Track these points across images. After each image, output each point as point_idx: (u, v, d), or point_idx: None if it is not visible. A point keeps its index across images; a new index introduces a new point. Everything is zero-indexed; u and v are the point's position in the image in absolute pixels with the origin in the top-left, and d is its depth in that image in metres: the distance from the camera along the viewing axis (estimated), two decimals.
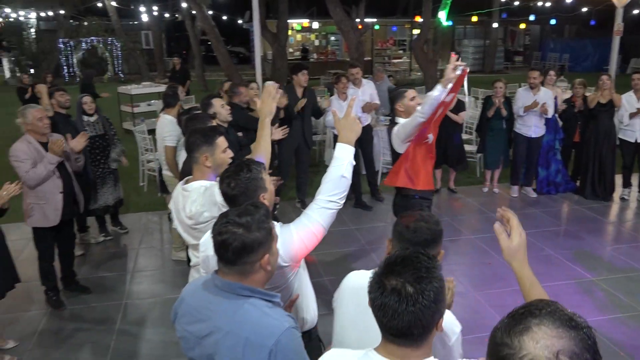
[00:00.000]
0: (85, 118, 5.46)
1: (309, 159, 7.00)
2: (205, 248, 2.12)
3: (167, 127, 4.98)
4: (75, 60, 22.37)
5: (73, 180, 4.49)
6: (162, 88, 13.76)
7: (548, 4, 19.12)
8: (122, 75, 23.06)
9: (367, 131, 6.87)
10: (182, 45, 31.43)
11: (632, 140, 6.63)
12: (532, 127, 6.63)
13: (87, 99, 5.44)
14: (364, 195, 6.84)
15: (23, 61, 21.85)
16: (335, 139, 2.30)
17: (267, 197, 2.10)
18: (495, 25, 23.51)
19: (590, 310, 4.26)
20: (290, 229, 2.06)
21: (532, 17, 21.96)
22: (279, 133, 4.46)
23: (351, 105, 2.32)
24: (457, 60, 3.48)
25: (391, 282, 1.27)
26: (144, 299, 4.66)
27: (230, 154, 2.60)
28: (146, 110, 11.99)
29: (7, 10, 21.82)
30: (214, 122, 3.80)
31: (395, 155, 3.90)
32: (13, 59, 22.51)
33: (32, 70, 21.29)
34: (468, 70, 3.64)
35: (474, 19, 21.14)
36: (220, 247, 1.63)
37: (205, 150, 2.57)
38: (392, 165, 4.18)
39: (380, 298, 1.27)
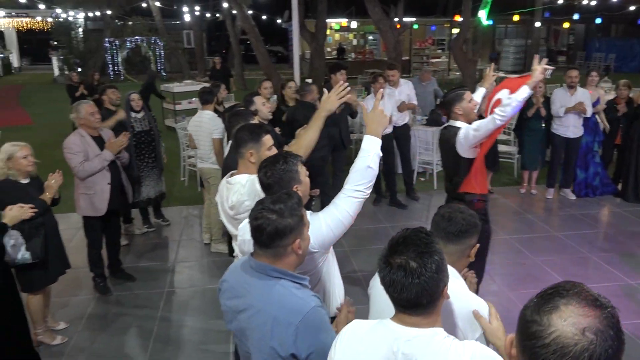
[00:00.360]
0: (133, 114, 5.70)
1: (344, 158, 7.08)
2: (243, 232, 2.25)
3: (213, 122, 5.27)
4: (120, 59, 23.11)
5: (121, 173, 4.73)
6: (202, 86, 14.15)
7: (593, 3, 18.59)
8: (164, 74, 23.66)
9: (405, 130, 6.92)
10: (222, 44, 32.00)
11: None
12: (570, 127, 6.52)
13: (134, 95, 5.68)
14: (399, 194, 6.89)
15: (71, 59, 22.73)
16: None
17: (301, 189, 2.20)
18: (537, 24, 22.99)
19: (629, 314, 4.20)
20: (319, 217, 2.17)
21: (576, 16, 21.37)
22: None
23: (378, 98, 2.38)
24: (542, 61, 3.39)
25: (396, 260, 1.40)
26: (185, 288, 4.86)
27: (274, 151, 2.70)
28: (187, 107, 12.31)
29: (58, 10, 22.74)
30: (256, 119, 3.93)
31: (450, 159, 3.71)
32: (62, 57, 23.43)
33: (79, 69, 22.15)
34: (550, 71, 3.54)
35: (516, 18, 20.73)
36: (256, 231, 1.77)
37: (252, 147, 2.68)
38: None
39: (389, 275, 1.40)
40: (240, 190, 2.60)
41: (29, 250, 3.49)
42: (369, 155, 2.21)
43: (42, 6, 23.07)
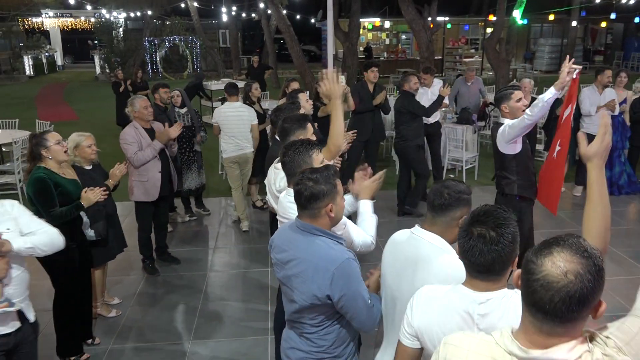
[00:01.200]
0: (176, 109, 6.10)
1: (376, 153, 7.36)
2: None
3: (250, 110, 5.91)
4: (158, 58, 23.85)
5: (170, 163, 5.12)
6: (239, 84, 14.59)
7: (632, 1, 18.28)
8: (200, 72, 24.30)
9: (436, 128, 7.14)
10: (256, 43, 32.56)
11: None
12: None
13: (174, 92, 6.09)
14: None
15: (112, 58, 23.58)
16: None
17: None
18: (574, 23, 22.68)
19: None
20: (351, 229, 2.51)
21: (613, 16, 21.01)
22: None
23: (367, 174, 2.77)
24: (570, 62, 3.55)
25: (477, 229, 1.60)
26: (225, 271, 5.23)
27: (314, 137, 3.04)
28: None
29: (103, 11, 23.64)
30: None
31: (495, 155, 4.05)
32: (103, 56, 24.33)
33: (119, 67, 22.97)
34: (579, 72, 3.66)
35: (551, 17, 20.52)
36: (296, 194, 2.15)
37: (300, 133, 3.03)
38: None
39: (469, 242, 1.60)
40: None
41: (92, 229, 3.90)
42: (367, 219, 2.63)
43: (88, 7, 24.02)
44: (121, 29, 25.13)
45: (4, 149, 8.21)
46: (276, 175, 2.98)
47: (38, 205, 3.38)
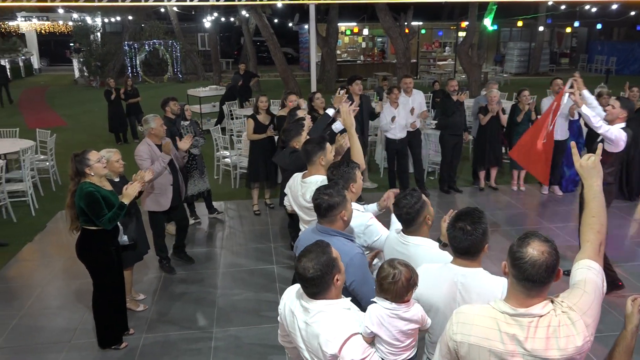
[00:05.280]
0: (182, 122, 6.61)
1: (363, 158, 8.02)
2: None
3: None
4: (138, 62, 24.05)
5: (179, 174, 5.64)
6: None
7: (594, 9, 19.38)
8: (180, 76, 24.59)
9: (417, 134, 7.84)
10: (232, 45, 32.89)
11: None
12: (557, 130, 7.40)
13: (187, 106, 6.60)
14: None
15: (92, 62, 23.65)
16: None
17: (355, 186, 3.22)
18: (541, 28, 23.79)
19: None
20: (379, 232, 3.14)
21: (577, 24, 22.16)
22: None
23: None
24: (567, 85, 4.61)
25: (459, 224, 2.30)
26: (236, 268, 5.80)
27: (333, 153, 3.73)
28: (211, 110, 13.27)
29: (75, 15, 23.70)
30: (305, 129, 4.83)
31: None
32: (82, 59, 24.36)
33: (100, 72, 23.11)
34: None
35: (520, 23, 21.53)
36: (316, 207, 2.79)
37: (321, 154, 3.66)
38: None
39: (452, 232, 2.32)
40: (315, 188, 3.57)
41: (126, 234, 4.43)
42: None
43: (60, 10, 24.01)
44: (99, 33, 25.22)
45: (7, 157, 8.56)
46: (305, 188, 3.60)
47: (91, 215, 3.90)
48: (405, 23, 16.76)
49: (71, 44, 26.19)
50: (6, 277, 5.70)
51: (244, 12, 19.74)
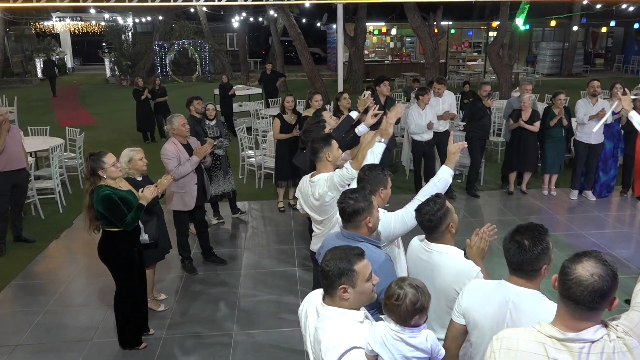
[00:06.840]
0: (207, 122, 6.59)
1: (389, 159, 7.88)
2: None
3: None
4: (168, 61, 24.36)
5: (204, 175, 5.62)
6: (253, 90, 15.11)
7: (632, 8, 18.75)
8: (208, 75, 24.82)
9: (445, 135, 7.66)
10: (260, 45, 33.05)
11: None
12: (591, 134, 7.15)
13: (210, 106, 6.58)
14: None
15: (122, 61, 24.11)
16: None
17: (384, 192, 3.09)
18: (575, 28, 23.14)
19: None
20: (389, 216, 3.01)
21: (613, 23, 21.49)
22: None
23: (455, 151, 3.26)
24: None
25: (517, 237, 2.12)
26: (257, 269, 5.74)
27: (341, 151, 3.70)
28: (239, 110, 13.29)
29: (106, 15, 24.16)
30: (327, 128, 4.77)
31: None
32: (114, 59, 24.85)
33: (131, 72, 23.50)
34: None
35: (553, 22, 20.99)
36: (341, 211, 2.68)
37: (327, 149, 3.61)
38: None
39: (507, 245, 2.14)
40: (324, 185, 3.49)
41: (146, 233, 4.42)
42: (441, 180, 3.13)
43: (92, 11, 24.49)
44: (130, 33, 25.67)
45: (38, 155, 8.72)
46: (313, 187, 3.57)
47: (111, 218, 3.88)
48: (435, 23, 16.52)
49: (103, 44, 26.71)
50: (33, 273, 5.78)
51: (272, 12, 19.77)
